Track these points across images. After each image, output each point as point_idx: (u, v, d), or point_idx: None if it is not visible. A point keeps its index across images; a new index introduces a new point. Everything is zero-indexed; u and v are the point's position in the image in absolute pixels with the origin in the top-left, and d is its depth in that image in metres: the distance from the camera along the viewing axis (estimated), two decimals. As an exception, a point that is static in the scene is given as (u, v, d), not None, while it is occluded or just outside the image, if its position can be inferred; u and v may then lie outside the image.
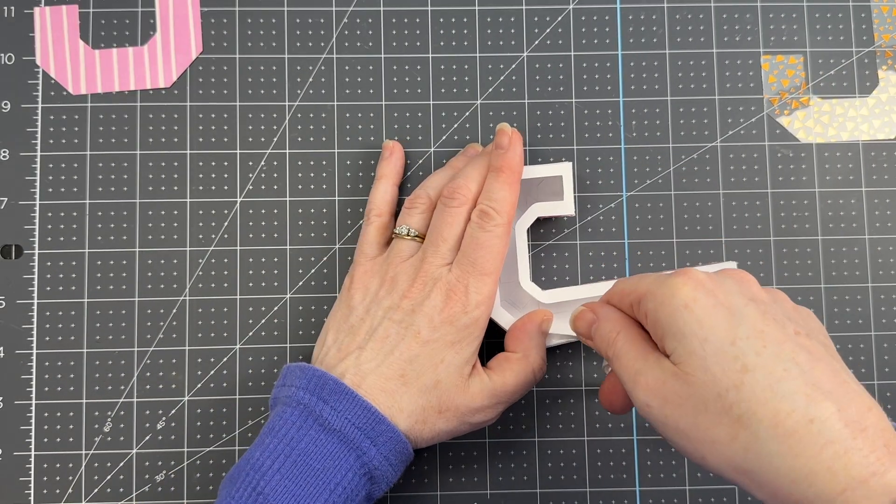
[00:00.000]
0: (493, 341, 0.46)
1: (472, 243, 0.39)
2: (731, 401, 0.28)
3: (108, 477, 0.45)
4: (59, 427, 0.45)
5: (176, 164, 0.47)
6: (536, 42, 0.48)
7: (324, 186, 0.47)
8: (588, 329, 0.37)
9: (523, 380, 0.41)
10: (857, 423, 0.27)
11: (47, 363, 0.45)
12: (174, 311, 0.46)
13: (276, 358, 0.46)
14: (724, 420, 0.28)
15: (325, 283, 0.47)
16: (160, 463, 0.45)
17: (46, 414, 0.45)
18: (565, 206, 0.44)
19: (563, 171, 0.44)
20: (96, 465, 0.45)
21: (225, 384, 0.46)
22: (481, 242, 0.39)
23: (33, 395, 0.45)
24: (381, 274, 0.41)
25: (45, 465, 0.45)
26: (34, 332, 0.46)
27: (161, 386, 0.46)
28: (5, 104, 0.47)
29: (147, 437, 0.45)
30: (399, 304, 0.39)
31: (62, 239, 0.46)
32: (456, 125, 0.48)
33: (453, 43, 0.48)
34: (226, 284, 0.46)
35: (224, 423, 0.46)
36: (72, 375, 0.45)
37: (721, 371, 0.29)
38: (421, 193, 0.43)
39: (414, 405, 0.38)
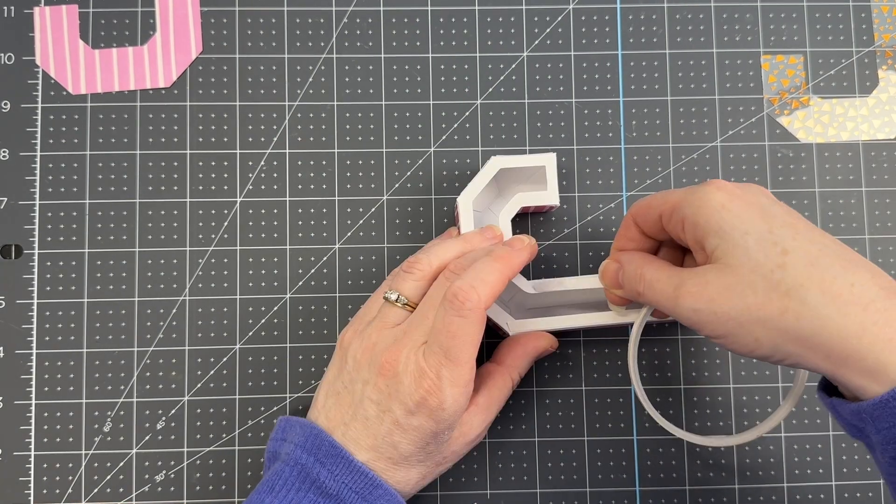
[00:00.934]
0: (492, 341, 0.46)
1: (444, 330, 0.36)
2: (778, 278, 0.31)
3: (108, 477, 0.45)
4: (58, 427, 0.45)
5: (176, 163, 0.47)
6: (536, 42, 0.48)
7: (324, 186, 0.47)
8: (615, 278, 0.39)
9: (506, 393, 0.41)
10: (888, 287, 0.31)
11: (47, 363, 0.45)
12: (174, 310, 0.46)
13: (275, 358, 0.46)
14: (773, 296, 0.31)
15: (324, 283, 0.47)
16: (160, 463, 0.45)
17: (46, 414, 0.45)
18: (549, 196, 0.43)
19: (547, 161, 0.43)
20: (96, 465, 0.45)
21: (225, 384, 0.46)
22: (454, 330, 0.36)
23: (33, 395, 0.45)
24: (364, 336, 0.38)
25: (45, 465, 0.45)
26: (34, 332, 0.46)
27: (161, 386, 0.46)
28: (5, 104, 0.47)
29: (147, 437, 0.45)
30: (376, 380, 0.37)
31: (62, 239, 0.46)
32: (456, 125, 0.48)
33: (453, 43, 0.48)
34: (225, 284, 0.46)
35: (224, 423, 0.46)
36: (72, 375, 0.45)
37: (765, 256, 0.32)
38: (422, 259, 0.40)
39: (409, 475, 0.38)
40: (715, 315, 0.33)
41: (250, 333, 0.46)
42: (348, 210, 0.47)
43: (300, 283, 0.47)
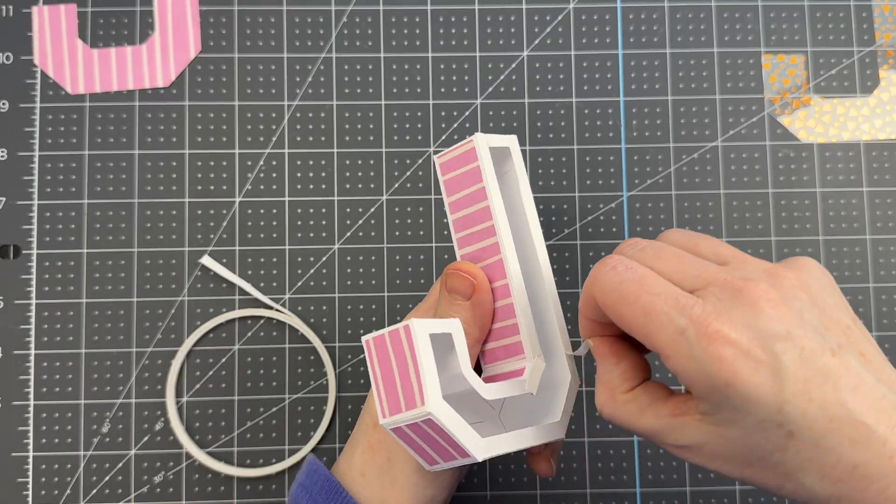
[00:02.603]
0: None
1: None
2: (776, 461, 0.28)
3: (107, 478, 0.45)
4: (57, 428, 0.45)
5: (174, 163, 0.47)
6: (536, 41, 0.48)
7: (323, 186, 0.47)
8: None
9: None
10: None
11: (45, 364, 0.45)
12: (173, 311, 0.46)
13: (275, 358, 0.46)
14: (769, 474, 0.29)
15: (323, 283, 0.46)
16: (158, 464, 0.45)
17: (44, 415, 0.45)
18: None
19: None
20: (94, 466, 0.45)
21: (224, 385, 0.46)
22: None
23: (31, 396, 0.45)
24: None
25: (44, 466, 0.45)
26: (32, 333, 0.46)
27: (159, 387, 0.45)
28: (3, 104, 0.47)
29: (145, 438, 0.45)
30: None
31: (60, 239, 0.46)
32: (456, 125, 0.48)
33: (453, 42, 0.48)
34: (224, 285, 0.46)
35: (223, 423, 0.45)
36: (70, 376, 0.45)
37: (765, 439, 0.28)
38: None
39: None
40: (708, 469, 0.31)
41: (249, 334, 0.46)
42: (348, 210, 0.47)
43: (299, 284, 0.46)
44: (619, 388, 0.31)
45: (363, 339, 0.32)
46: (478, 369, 0.37)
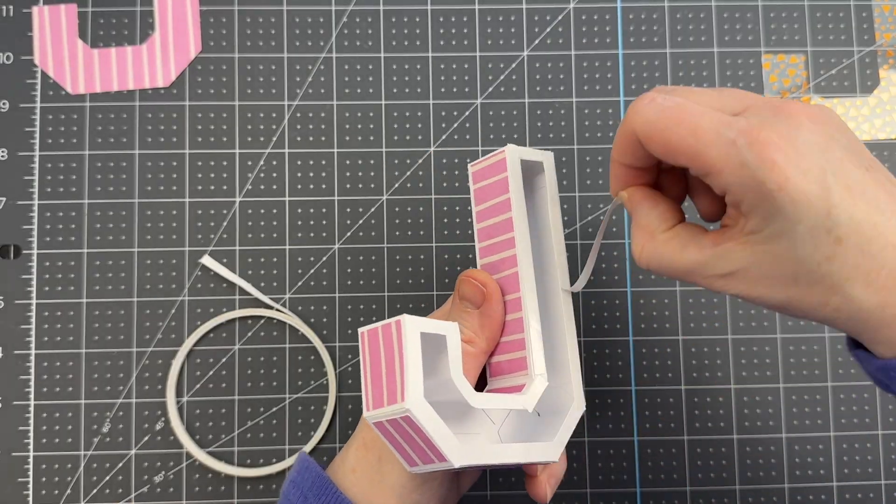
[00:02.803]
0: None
1: None
2: (824, 273, 0.28)
3: (107, 478, 0.45)
4: (57, 428, 0.45)
5: (175, 163, 0.47)
6: (537, 41, 0.48)
7: (323, 186, 0.47)
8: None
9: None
10: None
11: (46, 363, 0.45)
12: (173, 311, 0.46)
13: (275, 359, 0.46)
14: (816, 289, 0.29)
15: (324, 283, 0.46)
16: (159, 464, 0.45)
17: (45, 414, 0.45)
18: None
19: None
20: (95, 465, 0.45)
21: (224, 385, 0.46)
22: None
23: (32, 396, 0.45)
24: None
25: (44, 466, 0.45)
26: (33, 333, 0.46)
27: (160, 386, 0.45)
28: (3, 103, 0.47)
29: (146, 438, 0.45)
30: None
31: (61, 239, 0.46)
32: (456, 125, 0.48)
33: (453, 42, 0.48)
34: (224, 285, 0.46)
35: (223, 423, 0.45)
36: (70, 376, 0.45)
37: (814, 247, 0.28)
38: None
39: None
40: (749, 298, 0.30)
41: (249, 334, 0.46)
42: (348, 210, 0.47)
43: (299, 284, 0.46)
44: (659, 228, 0.32)
45: (359, 330, 0.32)
46: (484, 382, 0.37)
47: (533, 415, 0.35)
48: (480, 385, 0.36)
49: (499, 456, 0.32)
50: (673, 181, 0.34)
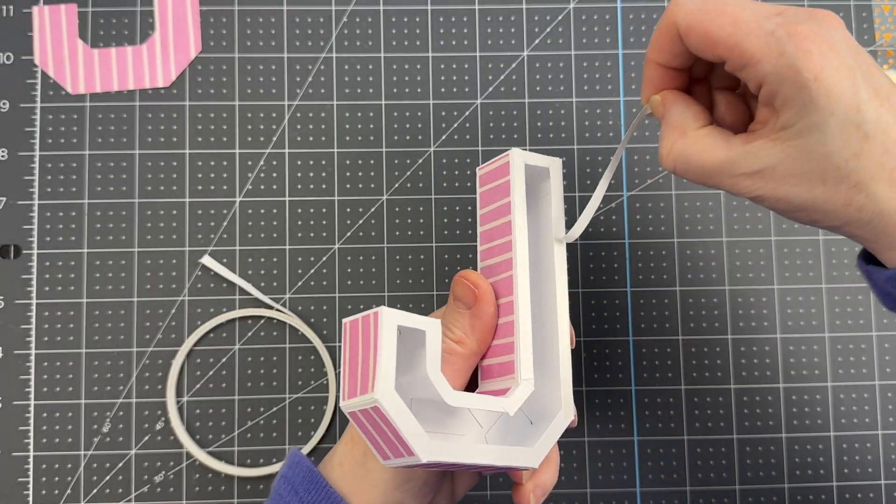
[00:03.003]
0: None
1: None
2: (852, 168, 0.29)
3: (107, 478, 0.45)
4: (57, 427, 0.45)
5: (175, 163, 0.47)
6: (537, 41, 0.48)
7: (323, 186, 0.47)
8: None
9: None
10: None
11: (46, 363, 0.45)
12: (173, 311, 0.46)
13: (275, 358, 0.46)
14: (841, 188, 0.29)
15: (324, 283, 0.46)
16: (159, 464, 0.45)
17: (45, 414, 0.45)
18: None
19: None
20: (95, 465, 0.45)
21: (224, 385, 0.46)
22: None
23: (32, 396, 0.45)
24: None
25: (44, 466, 0.45)
26: (33, 333, 0.46)
27: (160, 386, 0.45)
28: (4, 103, 0.47)
29: (146, 438, 0.45)
30: None
31: (61, 239, 0.46)
32: (456, 125, 0.48)
33: (453, 42, 0.48)
34: (225, 285, 0.46)
35: (223, 423, 0.45)
36: (70, 376, 0.45)
37: (844, 142, 0.29)
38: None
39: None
40: (774, 198, 0.30)
41: (249, 334, 0.46)
42: (348, 210, 0.47)
43: (299, 284, 0.46)
44: (692, 126, 0.32)
45: (343, 321, 0.32)
46: (474, 385, 0.37)
47: (525, 421, 0.35)
48: (473, 388, 0.36)
49: (471, 456, 0.31)
50: (701, 92, 0.34)
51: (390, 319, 0.30)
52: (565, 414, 0.35)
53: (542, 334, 0.36)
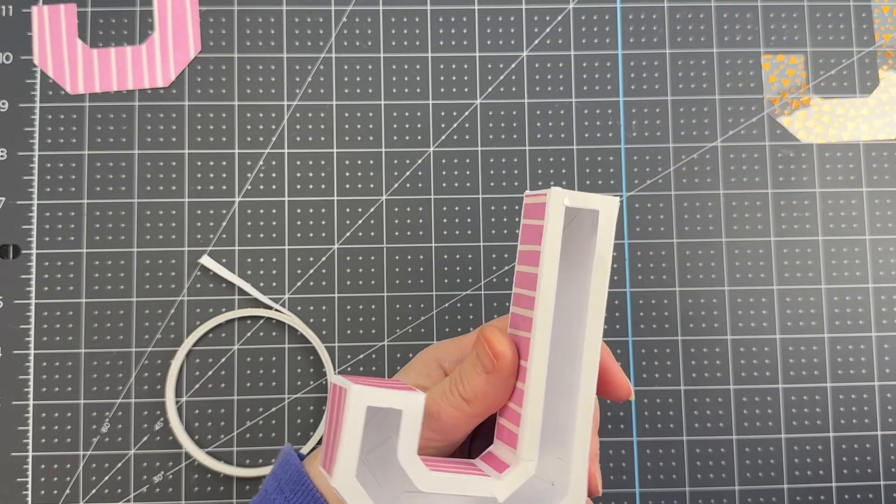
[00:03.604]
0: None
1: None
2: None
3: (106, 478, 0.45)
4: (56, 428, 0.45)
5: (174, 163, 0.47)
6: (536, 41, 0.48)
7: (323, 186, 0.47)
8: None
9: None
10: None
11: (45, 363, 0.45)
12: (172, 311, 0.46)
13: (274, 358, 0.46)
14: None
15: (323, 283, 0.46)
16: (158, 464, 0.45)
17: (44, 414, 0.45)
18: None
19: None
20: (94, 465, 0.45)
21: (223, 385, 0.46)
22: None
23: (31, 396, 0.45)
24: None
25: (43, 466, 0.45)
26: (32, 333, 0.46)
27: (159, 386, 0.45)
28: (3, 103, 0.47)
29: (145, 438, 0.45)
30: None
31: (60, 239, 0.46)
32: (455, 125, 0.48)
33: (453, 43, 0.48)
34: (224, 285, 0.46)
35: (222, 423, 0.45)
36: (69, 376, 0.45)
37: None
38: None
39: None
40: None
41: (249, 334, 0.46)
42: (347, 210, 0.47)
43: (299, 284, 0.46)
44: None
45: (331, 379, 0.30)
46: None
47: (546, 483, 0.30)
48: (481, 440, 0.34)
49: None
50: None
51: (360, 401, 0.27)
52: (571, 500, 0.29)
53: (567, 399, 0.31)
